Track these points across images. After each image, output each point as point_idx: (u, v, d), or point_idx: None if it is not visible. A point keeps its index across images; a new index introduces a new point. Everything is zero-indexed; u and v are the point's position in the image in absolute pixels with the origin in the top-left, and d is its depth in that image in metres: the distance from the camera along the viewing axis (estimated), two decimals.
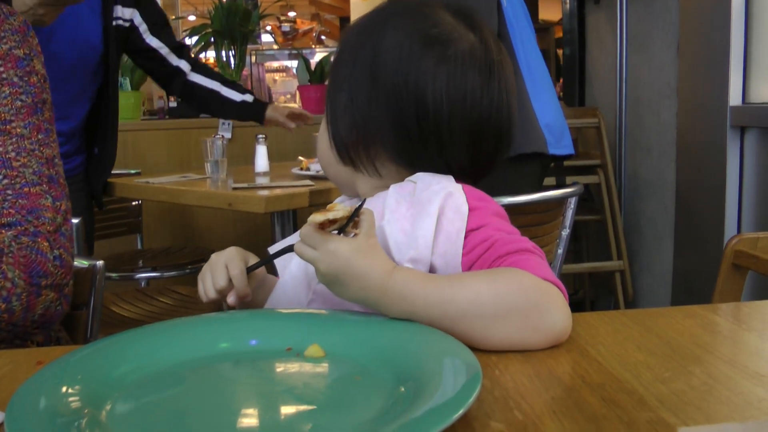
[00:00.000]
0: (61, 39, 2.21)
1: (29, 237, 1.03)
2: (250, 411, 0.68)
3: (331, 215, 0.78)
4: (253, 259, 0.98)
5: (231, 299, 0.94)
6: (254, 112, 2.77)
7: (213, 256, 0.97)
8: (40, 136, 1.11)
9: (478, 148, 0.95)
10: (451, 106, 0.91)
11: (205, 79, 2.66)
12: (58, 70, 2.24)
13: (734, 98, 2.65)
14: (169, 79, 2.65)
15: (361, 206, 0.81)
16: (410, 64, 0.92)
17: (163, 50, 2.58)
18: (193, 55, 2.74)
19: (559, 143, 2.61)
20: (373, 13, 0.99)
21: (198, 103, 2.80)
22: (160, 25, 2.58)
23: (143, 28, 2.52)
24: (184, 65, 2.63)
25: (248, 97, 2.73)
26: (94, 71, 2.41)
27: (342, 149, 0.97)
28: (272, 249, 0.98)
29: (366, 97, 0.94)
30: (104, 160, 2.52)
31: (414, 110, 0.91)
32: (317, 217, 0.78)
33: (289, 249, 0.90)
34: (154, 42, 2.55)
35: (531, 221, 1.98)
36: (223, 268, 0.95)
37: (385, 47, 0.93)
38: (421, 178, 0.92)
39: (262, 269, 1.00)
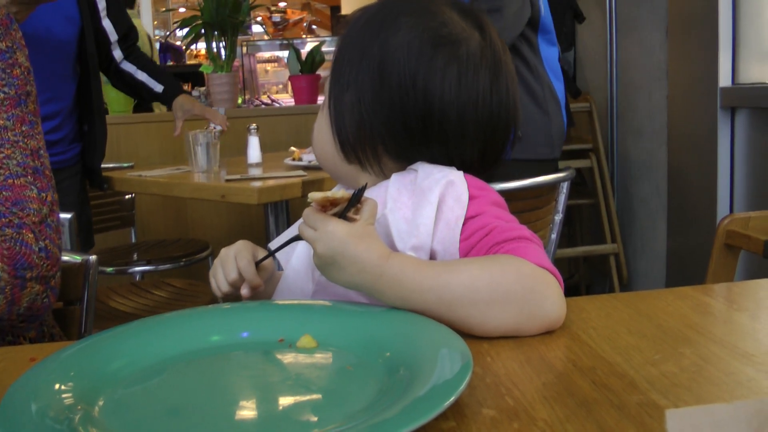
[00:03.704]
0: (41, 16, 2.22)
1: (13, 229, 1.03)
2: (244, 403, 0.68)
3: (330, 194, 0.79)
4: (261, 253, 0.98)
5: (244, 291, 0.94)
6: (165, 101, 2.87)
7: (222, 250, 0.97)
8: (24, 128, 1.10)
9: (488, 146, 0.96)
10: (461, 106, 0.92)
11: (135, 69, 2.75)
12: (43, 48, 2.25)
13: (724, 79, 2.66)
14: (106, 66, 2.73)
15: (363, 190, 0.81)
16: (420, 64, 0.91)
17: (112, 36, 2.64)
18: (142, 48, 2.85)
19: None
20: (378, 8, 0.97)
21: (128, 91, 2.89)
22: (116, 8, 2.64)
23: (102, 6, 2.57)
24: (117, 54, 2.70)
25: (159, 88, 2.81)
26: (76, 46, 2.44)
27: (348, 148, 0.96)
28: (272, 244, 0.99)
29: (372, 97, 0.93)
30: (94, 136, 2.53)
31: (420, 110, 0.91)
32: (316, 195, 0.79)
33: (292, 240, 0.90)
34: (107, 24, 2.61)
35: (524, 207, 1.98)
36: (233, 261, 0.95)
37: (395, 46, 0.92)
38: (422, 166, 0.92)
39: (272, 263, 1.00)
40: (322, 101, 1.00)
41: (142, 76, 2.74)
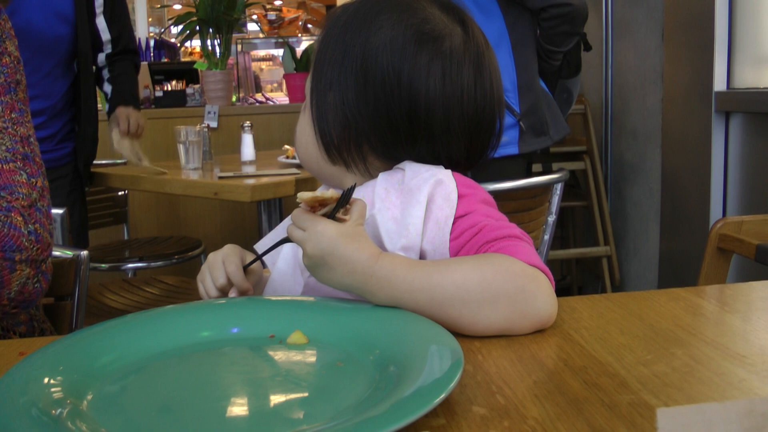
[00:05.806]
0: (27, 11, 2.19)
1: (1, 212, 1.02)
2: (233, 399, 0.68)
3: (319, 194, 0.78)
4: (249, 256, 0.97)
5: (233, 295, 0.93)
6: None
7: (210, 255, 0.96)
8: (13, 115, 1.09)
9: (474, 141, 0.95)
10: (446, 101, 0.91)
11: (105, 79, 2.68)
12: (28, 44, 2.21)
13: (719, 83, 2.66)
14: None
15: (352, 190, 0.81)
16: (404, 61, 0.91)
17: (104, 35, 2.58)
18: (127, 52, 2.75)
19: None
20: (358, 6, 0.96)
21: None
22: (114, 9, 2.59)
23: (99, 2, 2.53)
24: (100, 59, 2.63)
25: (106, 107, 2.73)
26: (68, 45, 2.40)
27: (332, 149, 0.95)
28: (258, 245, 0.98)
29: (356, 96, 0.92)
30: (82, 137, 2.51)
31: (405, 107, 0.91)
32: (305, 195, 0.78)
33: (280, 243, 0.90)
34: (99, 22, 2.56)
35: (517, 207, 1.98)
36: (221, 266, 0.94)
37: (377, 44, 0.92)
38: (410, 165, 0.92)
39: (260, 266, 1.00)
40: (304, 102, 0.99)
41: (107, 88, 2.68)
